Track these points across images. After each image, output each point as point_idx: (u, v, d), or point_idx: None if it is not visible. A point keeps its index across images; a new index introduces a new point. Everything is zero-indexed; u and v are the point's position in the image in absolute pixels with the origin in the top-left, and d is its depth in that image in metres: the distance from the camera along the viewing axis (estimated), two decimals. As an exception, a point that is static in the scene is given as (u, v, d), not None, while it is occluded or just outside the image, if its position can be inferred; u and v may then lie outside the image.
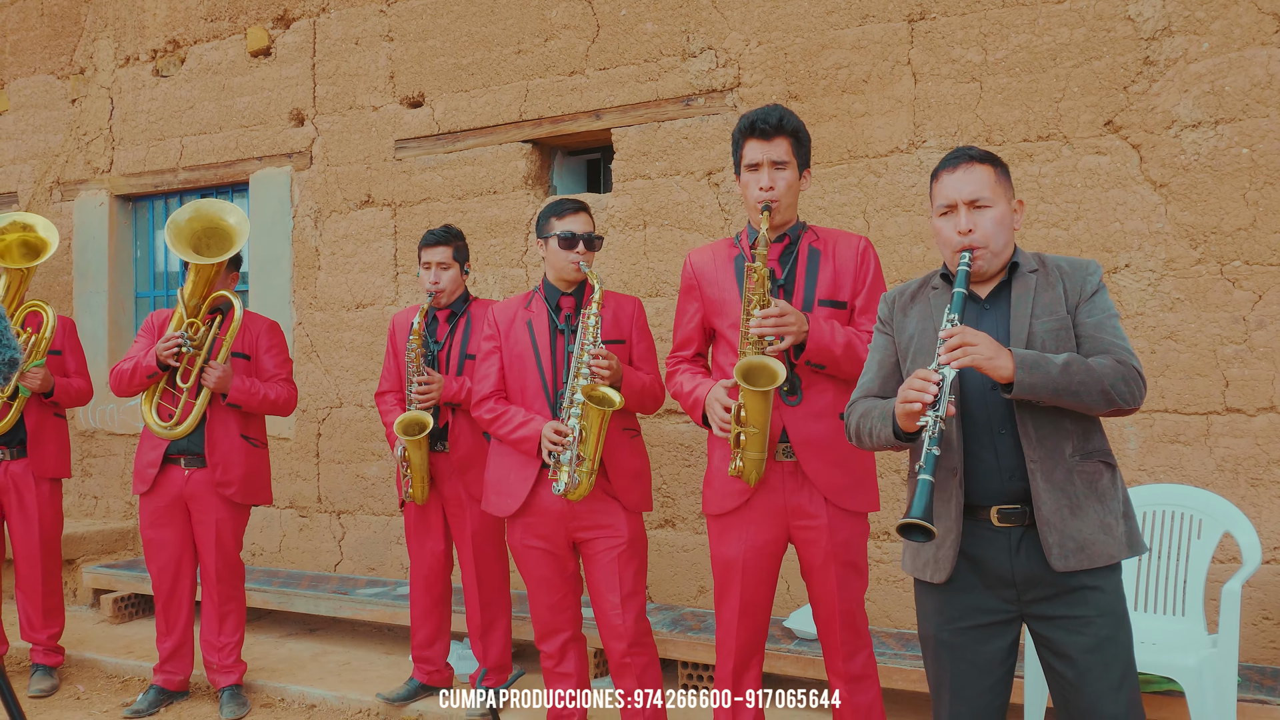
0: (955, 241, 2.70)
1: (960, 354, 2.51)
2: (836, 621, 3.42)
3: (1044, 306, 2.68)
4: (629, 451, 3.93)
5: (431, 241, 4.62)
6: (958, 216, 2.71)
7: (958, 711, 2.73)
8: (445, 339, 4.66)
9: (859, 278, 3.44)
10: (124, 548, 7.12)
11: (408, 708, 4.73)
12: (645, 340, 4.00)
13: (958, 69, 4.83)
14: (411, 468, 4.54)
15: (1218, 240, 4.36)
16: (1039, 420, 2.62)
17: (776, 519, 3.41)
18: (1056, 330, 2.65)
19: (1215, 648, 3.65)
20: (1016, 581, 2.63)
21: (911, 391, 2.52)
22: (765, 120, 3.37)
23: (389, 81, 6.35)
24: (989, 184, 2.71)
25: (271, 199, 6.75)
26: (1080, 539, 2.58)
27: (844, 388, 3.36)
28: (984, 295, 2.76)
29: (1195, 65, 4.39)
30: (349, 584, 6.02)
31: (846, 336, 3.32)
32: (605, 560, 3.87)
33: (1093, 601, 2.60)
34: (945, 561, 2.69)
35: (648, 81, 5.54)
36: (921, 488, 2.43)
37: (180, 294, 4.71)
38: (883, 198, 4.95)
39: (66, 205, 7.61)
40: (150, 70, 7.28)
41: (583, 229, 3.92)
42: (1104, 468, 2.66)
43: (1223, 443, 4.35)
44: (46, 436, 5.22)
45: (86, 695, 5.18)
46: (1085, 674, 2.59)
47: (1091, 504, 2.61)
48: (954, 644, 2.72)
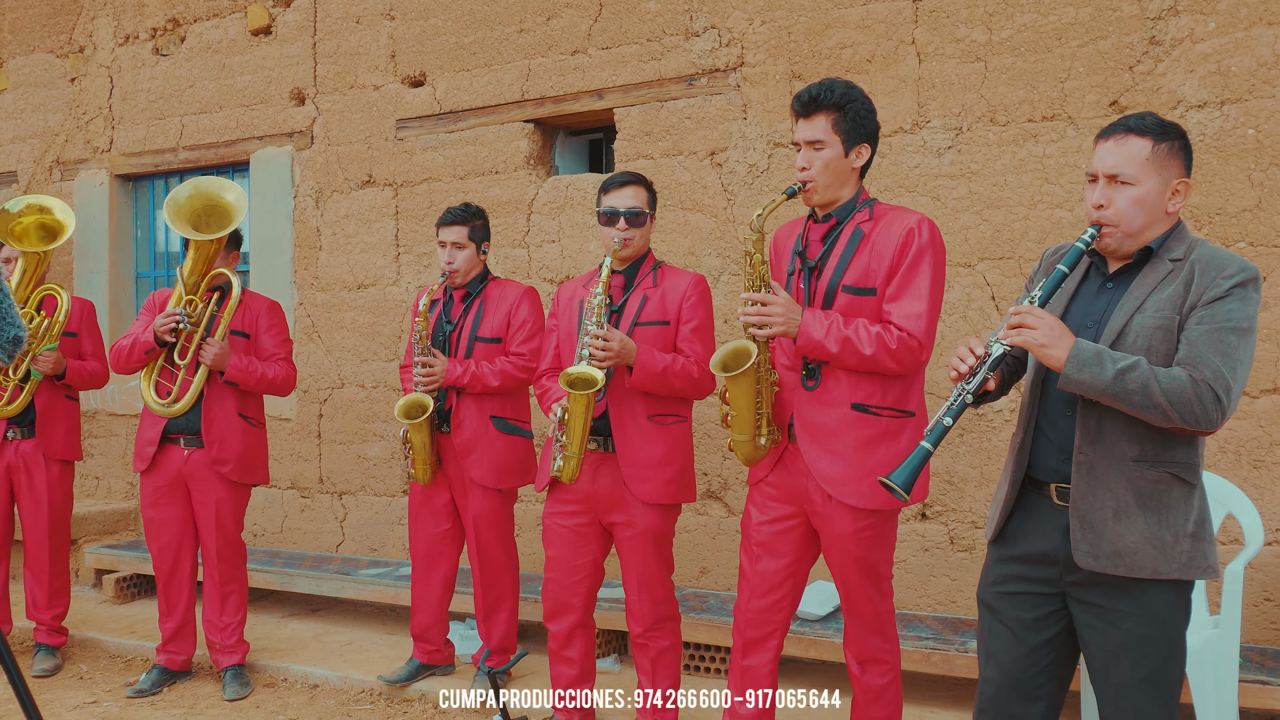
0: (1089, 214, 2.62)
1: (1015, 333, 2.48)
2: (848, 600, 3.38)
3: (1157, 301, 2.54)
4: (650, 440, 3.81)
5: (447, 220, 4.56)
6: (1096, 187, 2.61)
7: (990, 671, 2.74)
8: (459, 319, 4.61)
9: (894, 264, 3.17)
10: (125, 528, 7.13)
11: (409, 688, 4.75)
12: (694, 320, 3.84)
13: (962, 48, 4.80)
14: (413, 449, 4.53)
15: (1222, 221, 4.34)
16: (1104, 416, 2.54)
17: (792, 497, 3.35)
18: (1157, 329, 2.51)
19: (1217, 629, 3.65)
20: (1061, 561, 2.61)
21: (955, 358, 2.54)
22: (800, 97, 3.23)
23: (390, 60, 6.32)
24: (1140, 159, 2.55)
25: (272, 179, 6.73)
26: (1118, 545, 2.51)
27: (864, 377, 3.19)
28: (1111, 272, 2.66)
29: (1201, 45, 4.37)
30: (351, 564, 6.02)
31: (846, 335, 3.11)
32: (625, 549, 3.90)
33: (1132, 601, 2.53)
34: (994, 520, 2.74)
35: (650, 61, 5.51)
36: (915, 453, 2.45)
37: (180, 272, 4.70)
38: (886, 178, 4.93)
39: (66, 185, 7.59)
40: (150, 49, 7.25)
41: (624, 204, 3.83)
42: (1175, 481, 2.53)
43: (1226, 424, 4.33)
44: (57, 418, 5.22)
45: (90, 675, 5.20)
46: (1108, 668, 2.57)
47: (1144, 514, 2.51)
48: (993, 605, 2.74)
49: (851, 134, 3.23)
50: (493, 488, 4.55)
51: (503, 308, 4.58)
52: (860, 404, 3.20)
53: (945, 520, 4.88)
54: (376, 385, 6.36)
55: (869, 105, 3.27)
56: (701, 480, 5.35)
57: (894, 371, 3.16)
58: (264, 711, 4.64)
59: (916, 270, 3.17)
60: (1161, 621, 2.53)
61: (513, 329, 4.54)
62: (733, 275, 5.29)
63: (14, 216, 5.17)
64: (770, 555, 3.39)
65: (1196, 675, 3.56)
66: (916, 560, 4.92)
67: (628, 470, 3.80)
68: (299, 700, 4.79)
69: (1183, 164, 2.61)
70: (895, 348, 3.10)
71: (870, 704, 3.43)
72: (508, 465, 4.56)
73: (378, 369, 6.36)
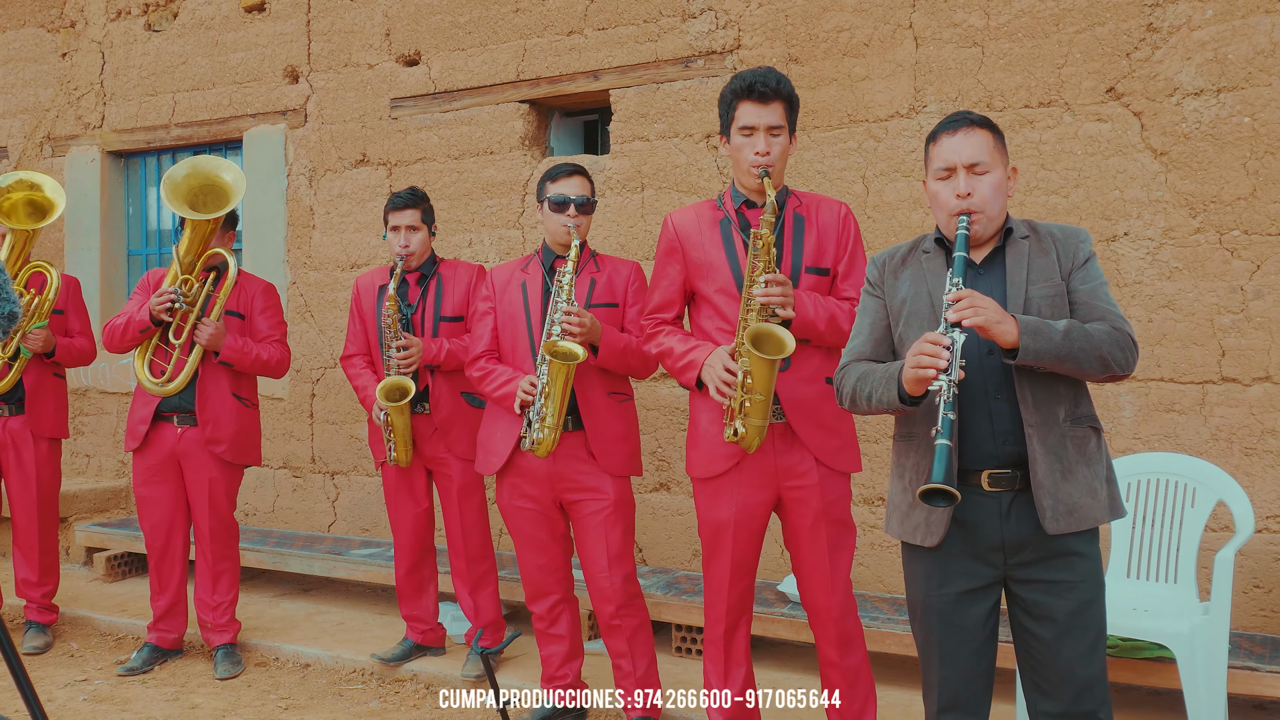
0: (953, 205, 2.69)
1: (971, 313, 2.50)
2: (827, 583, 3.42)
3: (1039, 272, 2.69)
4: (614, 416, 3.93)
5: (399, 205, 4.59)
6: (956, 180, 2.70)
7: (946, 674, 2.74)
8: (418, 301, 4.64)
9: (841, 244, 3.44)
10: (116, 506, 7.12)
11: (402, 667, 4.76)
12: (639, 303, 3.97)
13: (959, 33, 4.79)
14: (395, 432, 4.54)
15: (1217, 209, 4.35)
16: (1036, 385, 2.63)
17: (768, 480, 3.41)
18: (1052, 296, 2.66)
19: (1207, 615, 3.67)
20: (1005, 546, 2.65)
21: (924, 357, 2.51)
22: (764, 83, 3.32)
23: (385, 39, 6.29)
24: (988, 149, 2.71)
25: (266, 157, 6.70)
26: (1070, 502, 2.61)
27: (829, 354, 3.40)
28: (979, 260, 2.76)
29: (1199, 32, 4.37)
30: (343, 544, 6.02)
31: (829, 310, 3.32)
32: (592, 524, 3.90)
33: (1077, 566, 2.63)
34: (937, 525, 2.69)
35: (647, 42, 5.49)
36: (940, 453, 2.43)
37: (175, 251, 4.69)
38: (882, 163, 4.93)
39: (58, 161, 7.54)
40: (142, 24, 7.19)
41: (576, 193, 3.92)
42: (1092, 432, 2.69)
43: (1218, 412, 4.36)
44: (45, 395, 5.21)
45: (80, 653, 5.20)
46: (1064, 636, 2.63)
47: (1081, 468, 2.64)
48: (942, 609, 2.73)
49: (793, 124, 3.43)
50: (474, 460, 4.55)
51: (460, 286, 4.66)
52: (830, 378, 3.37)
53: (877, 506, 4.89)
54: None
55: None
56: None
57: None
58: (255, 690, 4.65)
59: (859, 249, 3.47)
60: (1097, 581, 2.67)
61: (472, 307, 4.57)
62: (727, 258, 5.28)
63: (3, 192, 5.13)
64: (749, 541, 3.49)
65: (1186, 661, 3.58)
66: (870, 538, 4.93)
67: (597, 445, 3.87)
68: (291, 679, 4.80)
69: (1007, 152, 2.80)
70: None
71: (855, 685, 3.48)
72: None
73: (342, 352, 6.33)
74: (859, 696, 3.49)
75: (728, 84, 3.41)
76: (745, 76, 3.35)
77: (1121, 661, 3.85)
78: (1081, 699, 2.64)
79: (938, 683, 2.77)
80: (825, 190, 5.03)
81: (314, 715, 4.35)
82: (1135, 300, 4.46)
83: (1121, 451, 4.42)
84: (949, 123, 2.75)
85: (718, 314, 3.45)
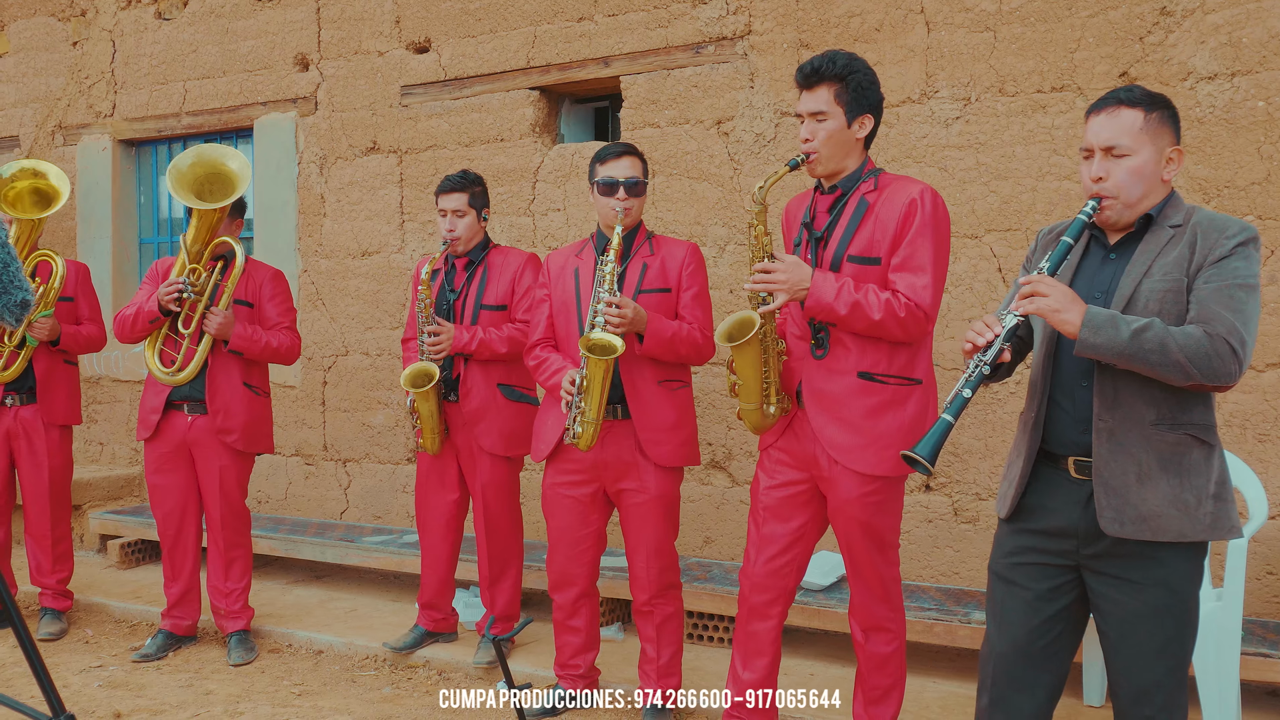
0: (1087, 188, 2.63)
1: (1028, 302, 2.49)
2: (851, 567, 3.41)
3: (1163, 265, 2.56)
4: (664, 404, 3.85)
5: (447, 188, 4.54)
6: (1093, 162, 2.63)
7: (1000, 641, 2.75)
8: (462, 287, 4.59)
9: (899, 234, 3.20)
10: (130, 494, 7.15)
11: (414, 654, 4.77)
12: (694, 287, 3.89)
13: (971, 18, 4.77)
14: (421, 419, 4.53)
15: (1231, 194, 4.32)
16: (1120, 382, 2.56)
17: (799, 464, 3.38)
18: (1166, 292, 2.54)
19: (1220, 601, 3.66)
20: (1079, 534, 2.62)
21: (971, 332, 2.54)
22: (803, 69, 3.25)
23: (395, 26, 6.28)
24: (1134, 130, 2.59)
25: (276, 145, 6.71)
26: (1144, 510, 2.52)
27: (870, 346, 3.23)
28: (1112, 244, 2.69)
29: (1213, 16, 4.34)
30: (355, 532, 6.04)
31: (856, 299, 3.13)
32: (633, 515, 3.90)
33: (1150, 571, 2.56)
34: (1007, 498, 2.73)
35: (657, 28, 5.47)
36: (937, 426, 2.45)
37: (183, 240, 4.69)
38: (894, 149, 4.91)
39: (69, 150, 7.56)
40: (153, 13, 7.20)
41: (625, 174, 3.85)
42: (1195, 443, 2.56)
43: (1231, 398, 4.34)
44: (56, 383, 5.22)
45: (95, 639, 5.22)
46: (1126, 636, 2.59)
47: (1166, 477, 2.53)
48: (1007, 576, 2.74)
49: (854, 105, 3.24)
50: (502, 455, 4.55)
51: (506, 275, 4.56)
52: (867, 372, 3.24)
53: (949, 492, 4.89)
54: (381, 353, 6.36)
55: (871, 76, 3.28)
56: (706, 450, 5.36)
57: (899, 339, 3.20)
58: (269, 677, 4.67)
59: (920, 240, 3.19)
60: (1178, 590, 2.56)
61: (517, 296, 4.53)
62: (738, 245, 5.27)
63: (7, 181, 5.14)
64: (777, 519, 3.42)
65: (1199, 648, 3.56)
66: (920, 531, 4.94)
67: (644, 435, 3.83)
68: (304, 666, 4.82)
69: (1173, 132, 2.65)
70: (903, 316, 3.14)
71: (874, 671, 3.46)
72: (516, 432, 4.55)
73: (382, 337, 6.35)
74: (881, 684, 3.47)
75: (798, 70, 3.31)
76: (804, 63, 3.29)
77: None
78: (1139, 703, 2.60)
79: (993, 650, 2.77)
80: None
81: (327, 701, 4.37)
82: (1148, 286, 4.44)
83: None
84: (1101, 100, 2.66)
85: None
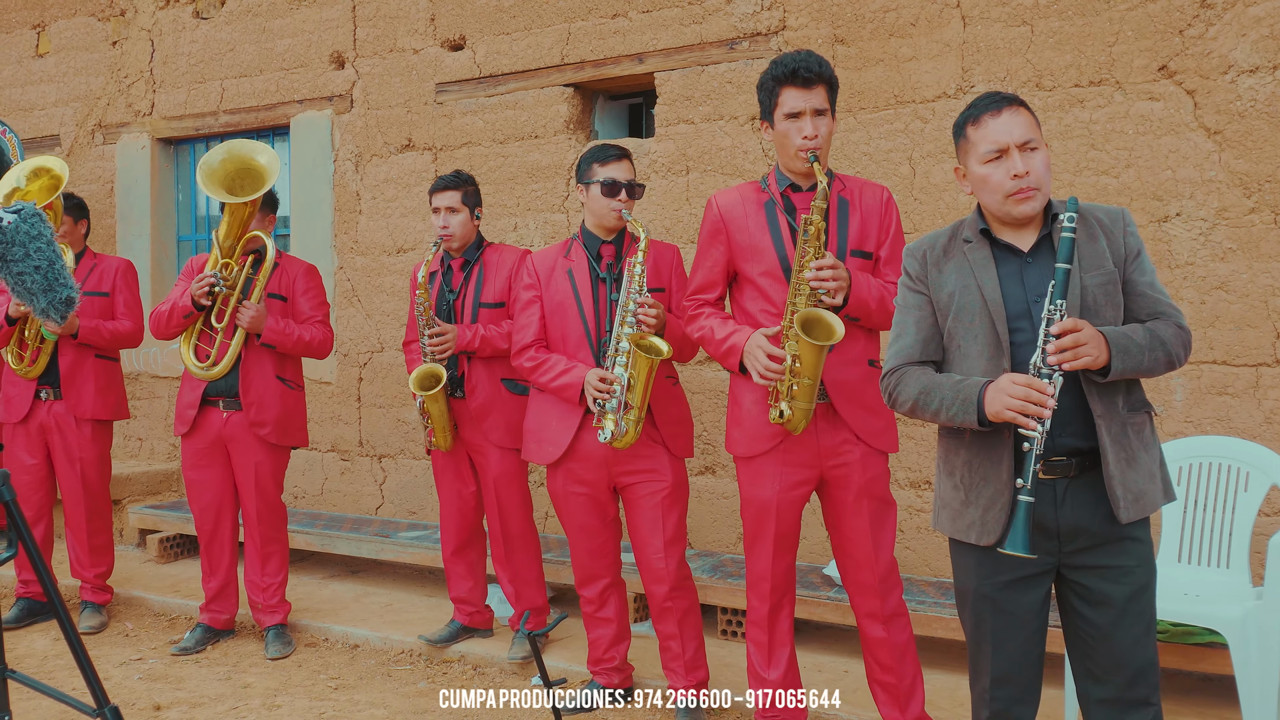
0: (1009, 186, 2.60)
1: (1071, 356, 2.45)
2: (871, 557, 3.44)
3: (1090, 260, 2.62)
4: (672, 398, 3.97)
5: (440, 186, 4.59)
6: (1010, 160, 2.61)
7: (999, 663, 2.71)
8: (460, 287, 4.63)
9: (884, 228, 3.46)
10: (168, 489, 7.23)
11: (449, 649, 4.80)
12: (684, 289, 3.95)
13: (1008, 12, 4.73)
14: (432, 419, 4.56)
15: (1272, 189, 4.28)
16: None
17: (810, 460, 3.43)
18: (1105, 284, 2.61)
19: (1260, 600, 3.62)
20: (1060, 533, 2.61)
21: (1030, 405, 2.44)
22: (808, 68, 3.32)
23: (430, 24, 6.31)
24: (1034, 125, 2.66)
25: (312, 143, 6.75)
26: (1137, 489, 2.58)
27: (871, 336, 3.46)
28: (1026, 249, 2.67)
29: (1254, 8, 4.29)
30: (390, 527, 6.08)
31: (879, 290, 3.34)
32: (649, 505, 3.90)
33: (1134, 551, 2.61)
34: (994, 524, 2.62)
35: (691, 24, 5.47)
36: (1022, 511, 2.41)
37: (215, 235, 4.73)
38: (929, 144, 4.89)
39: (109, 148, 7.64)
40: (191, 12, 7.26)
41: (625, 177, 3.91)
42: (1147, 418, 2.67)
43: (1272, 395, 4.29)
44: (83, 378, 5.23)
45: (135, 632, 5.28)
46: (1120, 621, 2.60)
47: (1142, 454, 2.61)
48: (995, 598, 2.69)
49: (833, 106, 3.43)
50: (510, 447, 4.57)
51: (503, 272, 4.60)
52: (873, 359, 3.44)
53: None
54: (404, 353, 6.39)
55: None
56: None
57: None
58: (306, 670, 4.71)
59: (900, 234, 3.48)
60: (1151, 565, 2.64)
61: (514, 292, 4.52)
62: (772, 241, 5.26)
63: (22, 189, 5.14)
64: (790, 520, 3.51)
65: (1238, 646, 3.54)
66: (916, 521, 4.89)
67: (665, 429, 3.89)
68: (340, 660, 4.86)
69: None
70: None
71: (899, 662, 3.49)
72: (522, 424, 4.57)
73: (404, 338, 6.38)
74: (907, 674, 3.50)
75: (767, 70, 3.40)
76: (787, 62, 3.34)
77: (1172, 647, 3.81)
78: (1135, 684, 2.62)
79: (989, 670, 2.73)
80: (872, 172, 4.99)
81: (363, 695, 4.40)
82: (1187, 281, 4.40)
83: (1173, 435, 4.37)
84: (989, 104, 2.67)
85: (762, 296, 3.44)
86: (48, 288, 2.82)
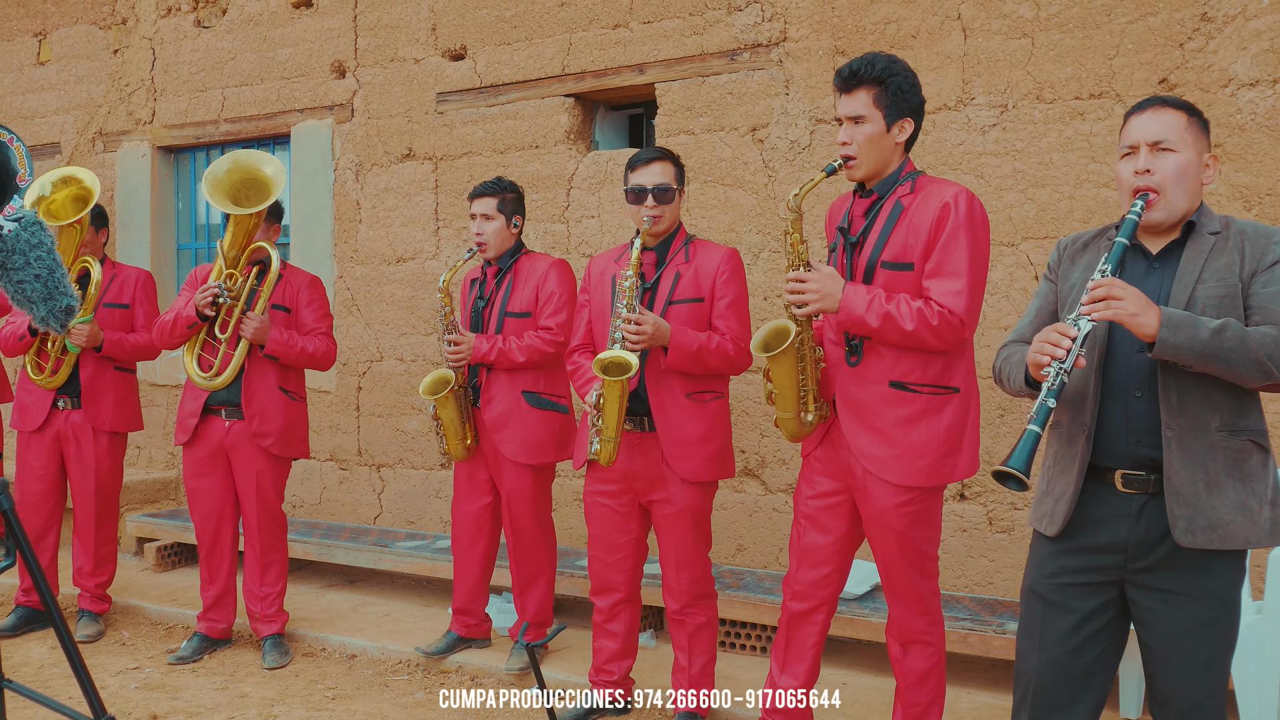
0: (1130, 182, 2.59)
1: (1103, 306, 2.42)
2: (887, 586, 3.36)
3: (1214, 272, 2.53)
4: (691, 417, 3.81)
5: (478, 192, 4.55)
6: (1137, 157, 2.59)
7: (1039, 661, 2.69)
8: (490, 295, 4.60)
9: (931, 238, 3.13)
10: (166, 497, 7.22)
11: (446, 660, 4.78)
12: (728, 296, 3.82)
13: (1009, 24, 4.74)
14: (443, 425, 4.55)
15: (1273, 202, 4.28)
16: (1185, 387, 2.51)
17: (838, 473, 3.34)
18: (1222, 298, 2.51)
19: (1260, 614, 3.62)
20: (1129, 548, 2.57)
21: (1046, 345, 2.46)
22: (841, 72, 3.21)
23: (431, 34, 6.32)
24: (1179, 128, 2.58)
25: (313, 152, 6.76)
26: (1213, 518, 2.48)
27: (904, 354, 3.17)
28: (1155, 252, 2.64)
29: (1255, 22, 4.29)
30: (388, 537, 6.07)
31: (887, 310, 3.08)
32: (663, 527, 3.90)
33: (1201, 582, 2.52)
34: (1059, 516, 2.64)
35: (692, 35, 5.48)
36: (1026, 438, 2.38)
37: (220, 246, 4.73)
38: (930, 156, 4.89)
39: (109, 156, 7.65)
40: (192, 20, 7.27)
41: (653, 181, 3.81)
42: (1255, 448, 2.54)
43: (1274, 404, 4.28)
44: (103, 390, 5.24)
45: (132, 641, 5.27)
46: (1173, 651, 2.54)
47: (1232, 483, 2.49)
48: (1050, 598, 2.68)
49: (893, 108, 3.20)
50: (524, 463, 4.52)
51: (532, 281, 4.54)
52: (899, 381, 3.19)
53: (984, 501, 4.85)
54: (415, 359, 6.39)
55: (912, 79, 3.24)
56: (739, 458, 5.35)
57: (935, 348, 3.13)
58: (303, 680, 4.69)
59: (954, 244, 3.11)
60: (1228, 600, 2.53)
61: (541, 301, 4.50)
62: (773, 252, 5.27)
63: (48, 197, 5.17)
64: (817, 530, 3.38)
65: (1238, 661, 3.53)
66: (955, 541, 4.90)
67: (669, 449, 3.79)
68: (337, 670, 4.84)
69: (1208, 141, 2.65)
70: (936, 324, 3.07)
71: (913, 688, 3.38)
72: (540, 440, 4.53)
73: (416, 343, 6.39)
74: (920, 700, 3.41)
75: None
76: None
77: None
78: (1189, 716, 2.55)
79: (1026, 673, 2.72)
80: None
81: (360, 705, 4.38)
82: (1188, 294, 4.39)
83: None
84: (1142, 103, 2.65)
85: None
86: (48, 296, 2.81)
